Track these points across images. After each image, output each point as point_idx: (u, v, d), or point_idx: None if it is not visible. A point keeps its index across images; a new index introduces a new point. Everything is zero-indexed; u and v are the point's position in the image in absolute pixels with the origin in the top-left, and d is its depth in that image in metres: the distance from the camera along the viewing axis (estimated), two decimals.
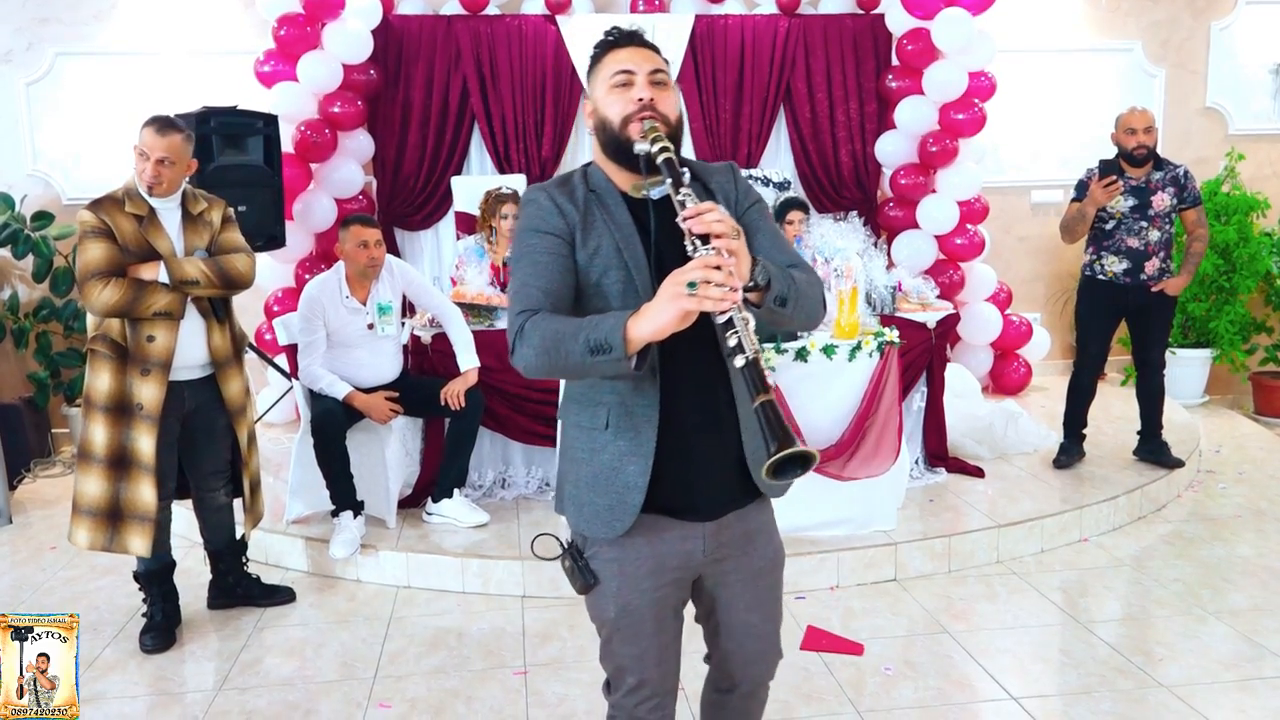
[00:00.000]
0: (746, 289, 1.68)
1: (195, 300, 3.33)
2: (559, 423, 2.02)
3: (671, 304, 1.56)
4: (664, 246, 1.76)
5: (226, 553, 3.72)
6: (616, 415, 1.79)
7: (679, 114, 1.85)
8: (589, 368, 1.64)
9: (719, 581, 1.91)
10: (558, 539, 1.92)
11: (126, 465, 3.29)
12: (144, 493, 3.28)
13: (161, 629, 3.50)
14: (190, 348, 3.34)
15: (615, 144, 1.81)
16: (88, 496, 3.29)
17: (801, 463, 1.52)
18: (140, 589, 3.56)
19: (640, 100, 1.79)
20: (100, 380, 3.25)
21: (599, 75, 1.85)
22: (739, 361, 1.58)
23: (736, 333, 1.58)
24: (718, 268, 1.57)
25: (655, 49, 1.87)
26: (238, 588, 3.75)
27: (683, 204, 1.67)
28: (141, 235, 3.22)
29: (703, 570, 1.89)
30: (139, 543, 3.31)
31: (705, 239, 1.61)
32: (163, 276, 3.22)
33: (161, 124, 3.26)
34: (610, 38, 1.86)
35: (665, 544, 1.84)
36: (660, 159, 1.72)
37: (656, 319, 1.58)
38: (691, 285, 1.55)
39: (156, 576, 3.52)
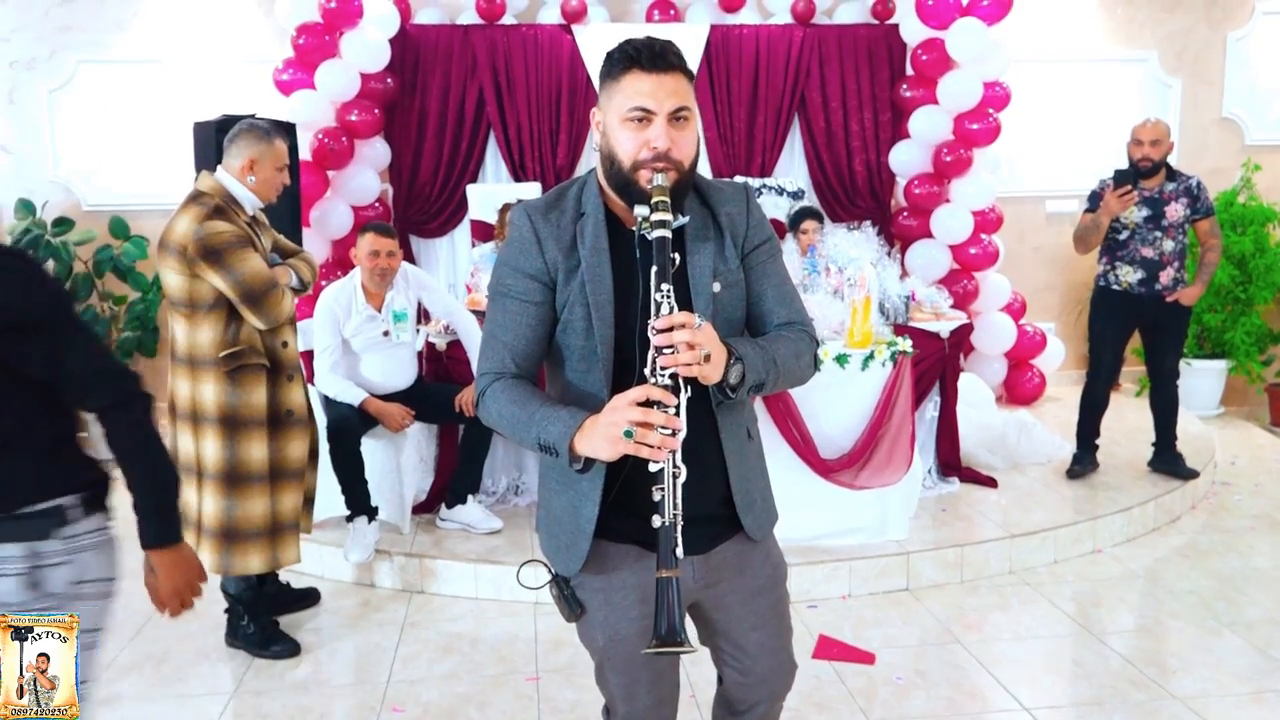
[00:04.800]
0: (718, 386, 1.60)
1: None
2: None
3: (609, 445, 1.52)
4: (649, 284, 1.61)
5: None
6: None
7: (696, 150, 1.67)
8: (543, 455, 1.65)
9: (716, 605, 1.82)
10: (546, 565, 1.84)
11: (277, 477, 3.21)
12: (290, 501, 3.26)
13: (283, 634, 3.46)
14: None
15: (621, 182, 1.64)
16: (253, 520, 3.15)
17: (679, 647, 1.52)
18: (235, 606, 3.43)
19: (655, 149, 1.59)
20: (255, 395, 3.11)
21: (614, 98, 1.62)
22: (655, 521, 1.53)
23: (662, 489, 1.53)
24: (661, 404, 1.50)
25: (684, 70, 1.62)
26: (277, 596, 3.70)
27: (658, 306, 1.54)
28: (259, 241, 3.15)
29: (698, 595, 1.80)
30: (293, 551, 3.27)
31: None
32: (293, 281, 3.22)
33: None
34: (632, 53, 1.60)
35: (651, 572, 1.70)
36: (653, 235, 1.57)
37: (596, 449, 1.54)
38: (628, 433, 1.49)
39: (256, 592, 3.44)
